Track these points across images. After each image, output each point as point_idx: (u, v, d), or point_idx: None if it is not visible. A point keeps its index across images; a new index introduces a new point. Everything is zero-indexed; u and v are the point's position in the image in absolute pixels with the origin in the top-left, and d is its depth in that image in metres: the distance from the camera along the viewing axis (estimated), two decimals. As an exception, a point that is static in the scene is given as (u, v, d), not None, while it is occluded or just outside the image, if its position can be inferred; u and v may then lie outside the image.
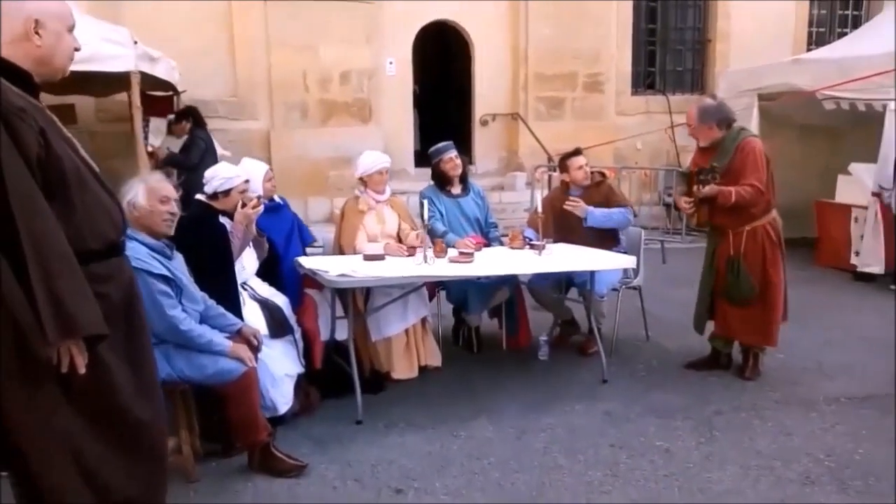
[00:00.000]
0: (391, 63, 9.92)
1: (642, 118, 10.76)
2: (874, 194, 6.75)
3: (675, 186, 4.40)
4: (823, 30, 11.52)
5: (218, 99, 9.02)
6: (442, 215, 4.66)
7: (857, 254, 7.00)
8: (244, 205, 3.44)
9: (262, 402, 3.19)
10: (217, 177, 3.40)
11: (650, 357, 4.69)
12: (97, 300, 1.84)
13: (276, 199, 4.05)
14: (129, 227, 2.42)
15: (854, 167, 7.20)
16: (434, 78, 11.70)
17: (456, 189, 4.79)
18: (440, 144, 4.82)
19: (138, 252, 2.73)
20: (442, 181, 4.75)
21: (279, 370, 3.34)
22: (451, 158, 4.70)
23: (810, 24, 11.38)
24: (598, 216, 4.65)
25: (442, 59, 11.47)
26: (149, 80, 6.38)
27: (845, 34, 10.35)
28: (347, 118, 9.55)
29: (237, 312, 3.23)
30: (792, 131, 8.24)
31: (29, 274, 1.70)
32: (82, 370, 1.81)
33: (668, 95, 10.93)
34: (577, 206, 4.63)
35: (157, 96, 7.52)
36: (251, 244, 3.64)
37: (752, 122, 7.81)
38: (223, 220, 3.45)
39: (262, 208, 3.52)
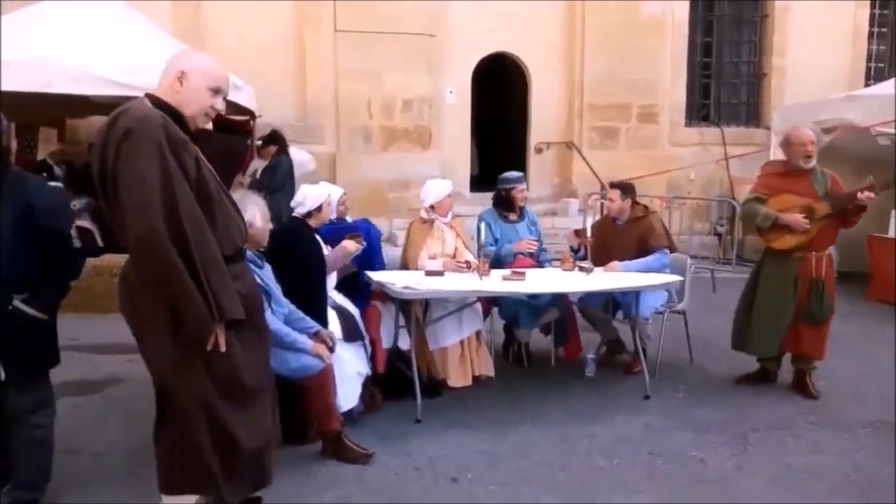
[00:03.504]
0: (451, 92, 10.41)
1: (696, 149, 10.96)
2: (926, 230, 6.84)
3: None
4: (883, 65, 11.55)
5: (287, 123, 9.59)
6: (497, 241, 5.03)
7: (910, 288, 7.07)
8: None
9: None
10: (309, 197, 3.87)
11: (692, 378, 4.93)
12: None
13: (348, 219, 4.53)
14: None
15: (907, 203, 7.29)
16: (491, 106, 12.15)
17: (514, 215, 5.16)
18: (513, 174, 5.23)
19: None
20: (504, 206, 5.13)
21: (351, 369, 3.76)
22: (523, 189, 5.14)
23: (869, 60, 11.43)
24: (634, 269, 4.81)
25: (499, 88, 11.92)
26: (230, 106, 6.98)
27: (905, 70, 10.40)
28: (408, 144, 10.05)
29: (323, 318, 3.65)
30: (846, 166, 8.33)
31: (198, 272, 2.19)
32: (223, 348, 2.30)
33: (723, 127, 11.11)
34: (609, 268, 4.80)
35: (235, 120, 8.13)
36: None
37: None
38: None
39: (360, 249, 4.07)
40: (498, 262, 4.87)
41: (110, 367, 4.93)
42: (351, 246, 4.00)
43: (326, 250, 3.99)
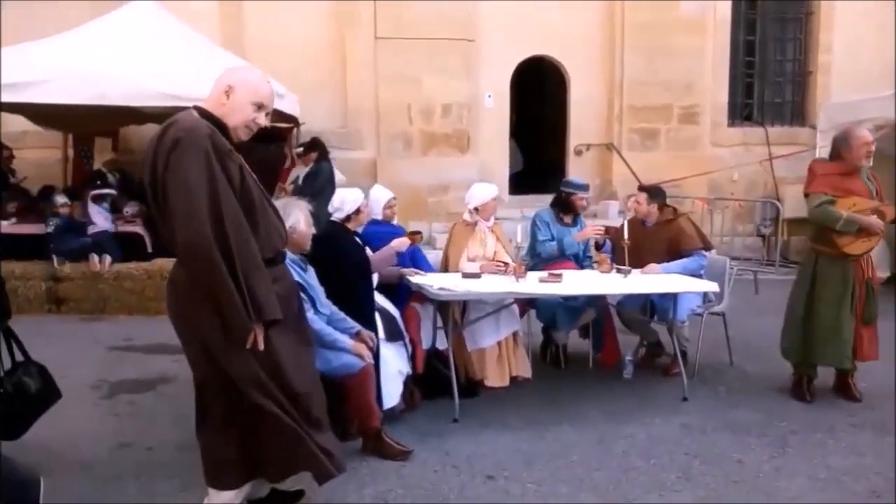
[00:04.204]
0: (489, 96, 10.48)
1: (739, 150, 10.81)
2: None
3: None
4: (936, 61, 11.19)
5: (329, 130, 9.77)
6: (553, 239, 5.10)
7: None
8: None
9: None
10: (346, 201, 3.99)
11: (732, 380, 4.91)
12: None
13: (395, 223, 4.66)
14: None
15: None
16: (530, 109, 12.18)
17: (568, 219, 5.23)
18: (579, 181, 5.35)
19: (282, 263, 3.31)
20: (562, 208, 5.21)
21: (393, 368, 3.88)
22: (583, 197, 5.21)
23: (921, 56, 11.09)
24: (672, 270, 4.83)
25: (538, 90, 11.94)
26: (273, 113, 7.17)
27: (959, 66, 10.06)
28: (447, 148, 10.14)
29: (369, 318, 3.77)
30: (891, 165, 8.16)
31: (238, 274, 2.32)
32: (262, 346, 2.43)
33: (767, 127, 10.94)
34: (647, 271, 4.81)
35: (278, 127, 8.35)
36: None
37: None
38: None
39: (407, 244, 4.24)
40: (542, 262, 4.97)
41: (161, 366, 5.13)
42: (397, 243, 4.11)
43: (367, 252, 4.09)
